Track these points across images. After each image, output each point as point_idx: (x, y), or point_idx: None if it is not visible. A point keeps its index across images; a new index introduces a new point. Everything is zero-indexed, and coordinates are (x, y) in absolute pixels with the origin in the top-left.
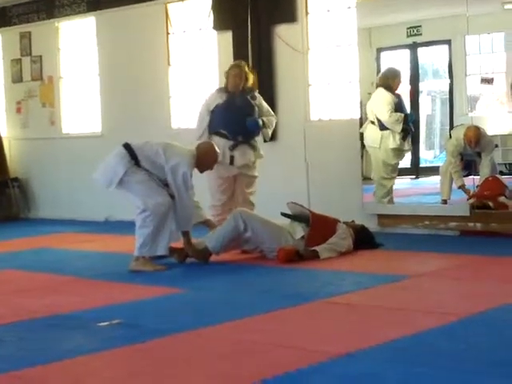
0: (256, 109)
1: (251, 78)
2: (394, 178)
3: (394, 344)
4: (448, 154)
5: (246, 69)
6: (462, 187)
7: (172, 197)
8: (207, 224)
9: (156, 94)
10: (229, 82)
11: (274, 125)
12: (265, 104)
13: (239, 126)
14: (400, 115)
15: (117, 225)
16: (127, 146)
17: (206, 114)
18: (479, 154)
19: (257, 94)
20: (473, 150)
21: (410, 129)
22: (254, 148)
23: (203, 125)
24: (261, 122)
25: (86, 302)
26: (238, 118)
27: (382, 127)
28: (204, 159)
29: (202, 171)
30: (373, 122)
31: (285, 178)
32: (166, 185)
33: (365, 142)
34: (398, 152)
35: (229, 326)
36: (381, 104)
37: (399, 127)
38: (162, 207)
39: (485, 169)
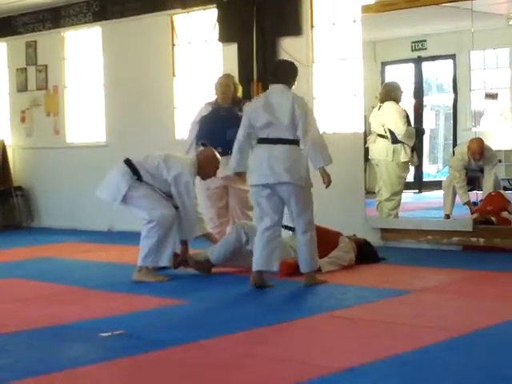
0: None
1: (239, 90)
2: (402, 190)
3: (395, 359)
4: (452, 169)
5: (235, 80)
6: (467, 203)
7: (176, 208)
8: (208, 237)
9: (161, 105)
10: (217, 93)
11: None
12: None
13: (218, 138)
14: (413, 129)
15: (120, 235)
16: (128, 162)
17: (193, 126)
18: (482, 170)
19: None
20: (477, 163)
21: (416, 143)
22: None
23: (190, 136)
24: None
25: (88, 312)
26: (218, 130)
27: (395, 141)
28: (205, 166)
29: (204, 178)
30: (381, 136)
31: None
32: (169, 196)
33: (371, 155)
34: (407, 165)
35: (230, 338)
36: (396, 117)
37: (412, 141)
38: (168, 218)
39: (488, 183)
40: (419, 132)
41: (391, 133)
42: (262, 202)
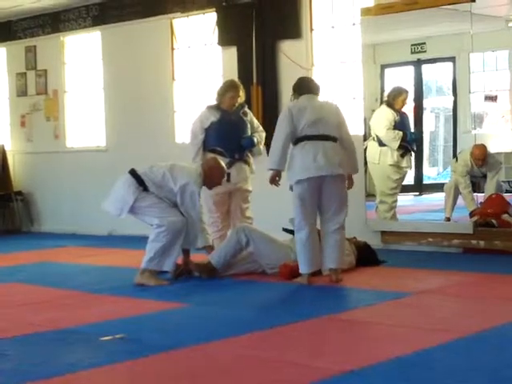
0: (248, 125)
1: (243, 95)
2: (395, 193)
3: (396, 361)
4: (456, 175)
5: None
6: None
7: (184, 215)
8: (208, 250)
9: (160, 109)
10: (225, 101)
11: (264, 139)
12: (255, 120)
13: (235, 144)
14: (398, 133)
15: (120, 239)
16: (133, 173)
17: (200, 131)
18: (485, 177)
19: (247, 109)
20: (480, 169)
21: (409, 147)
22: (248, 163)
23: (198, 142)
24: (256, 140)
25: (89, 317)
26: (233, 136)
27: (381, 143)
28: (211, 175)
29: (210, 188)
30: (374, 139)
31: (286, 193)
32: (176, 206)
33: (367, 158)
34: (397, 169)
35: (231, 341)
36: (379, 121)
37: (395, 144)
38: (178, 223)
39: (490, 186)
40: (407, 135)
41: (377, 136)
42: (307, 198)
